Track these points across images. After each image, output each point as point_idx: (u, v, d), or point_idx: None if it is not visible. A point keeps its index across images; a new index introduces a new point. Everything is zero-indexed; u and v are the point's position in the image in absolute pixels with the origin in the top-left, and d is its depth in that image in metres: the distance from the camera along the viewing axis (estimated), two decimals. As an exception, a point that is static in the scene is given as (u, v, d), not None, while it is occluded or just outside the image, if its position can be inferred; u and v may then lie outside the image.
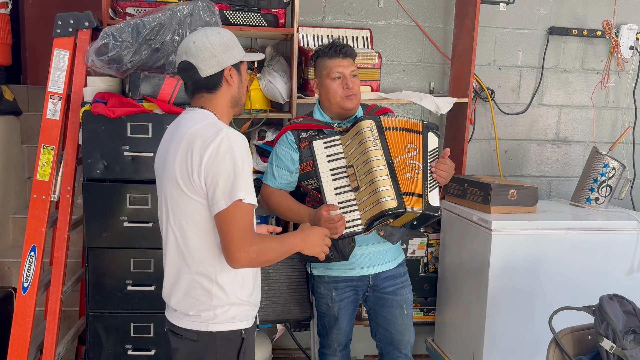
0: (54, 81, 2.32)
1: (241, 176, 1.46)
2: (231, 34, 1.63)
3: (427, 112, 3.11)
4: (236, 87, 1.63)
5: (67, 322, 2.99)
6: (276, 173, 2.09)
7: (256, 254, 1.48)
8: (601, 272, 2.50)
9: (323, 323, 2.22)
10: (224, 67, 1.58)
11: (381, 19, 3.06)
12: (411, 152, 1.98)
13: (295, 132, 2.10)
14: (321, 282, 2.16)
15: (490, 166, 3.24)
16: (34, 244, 2.30)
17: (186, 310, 1.59)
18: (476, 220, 2.51)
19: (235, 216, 1.46)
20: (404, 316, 2.19)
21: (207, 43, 1.56)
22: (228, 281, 1.57)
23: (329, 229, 1.86)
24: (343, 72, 2.06)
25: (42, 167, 2.31)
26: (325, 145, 1.99)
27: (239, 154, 1.47)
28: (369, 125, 1.94)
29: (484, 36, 3.12)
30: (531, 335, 2.46)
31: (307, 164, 2.05)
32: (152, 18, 2.17)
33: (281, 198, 2.07)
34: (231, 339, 1.59)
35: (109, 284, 2.29)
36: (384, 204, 1.84)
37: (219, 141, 1.47)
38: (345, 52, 2.08)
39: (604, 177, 2.76)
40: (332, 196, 1.94)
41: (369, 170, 1.89)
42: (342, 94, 2.06)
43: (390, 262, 2.16)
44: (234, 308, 1.58)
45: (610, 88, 3.28)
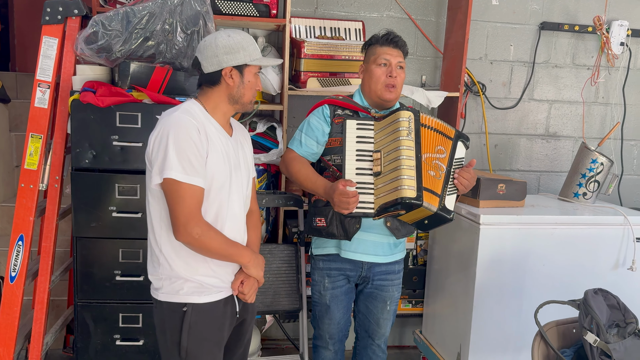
0: (42, 69, 2.29)
1: (172, 156, 1.58)
2: (244, 37, 1.71)
3: (419, 106, 3.12)
4: (235, 87, 1.72)
5: (55, 311, 2.98)
6: (304, 140, 2.11)
7: (199, 235, 1.61)
8: (587, 266, 2.53)
9: (315, 312, 2.25)
10: (223, 67, 1.69)
11: (374, 11, 3.05)
12: (440, 154, 2.00)
13: (332, 107, 2.12)
14: (316, 267, 2.19)
15: (480, 160, 3.26)
16: (21, 233, 2.28)
17: (149, 276, 1.76)
18: (465, 214, 2.52)
19: (178, 194, 1.60)
20: (385, 311, 2.21)
21: (212, 43, 1.69)
22: (172, 254, 1.68)
23: (342, 202, 1.90)
24: (390, 60, 2.08)
25: (30, 156, 2.29)
26: (358, 126, 2.01)
27: (175, 135, 1.59)
28: (408, 116, 1.96)
29: (476, 30, 3.12)
30: (517, 328, 2.49)
31: (335, 139, 2.07)
32: (142, 7, 2.15)
33: (302, 165, 2.09)
34: (175, 311, 1.69)
35: (97, 274, 2.28)
36: (403, 191, 1.86)
37: (162, 124, 1.63)
38: (397, 42, 2.10)
39: (592, 173, 2.78)
40: (352, 175, 1.96)
41: (397, 157, 1.91)
42: (384, 81, 2.08)
43: (385, 256, 2.15)
44: (179, 282, 1.68)
45: (600, 84, 3.30)
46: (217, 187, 1.69)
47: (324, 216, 2.08)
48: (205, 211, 1.67)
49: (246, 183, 1.83)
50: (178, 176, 1.58)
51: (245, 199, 1.83)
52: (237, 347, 1.87)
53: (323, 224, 2.08)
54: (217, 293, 1.73)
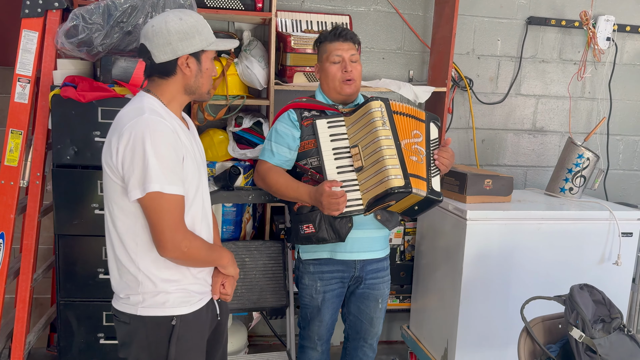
0: (22, 63, 2.25)
1: (154, 166, 1.43)
2: (197, 19, 1.55)
3: (406, 101, 3.10)
4: (192, 77, 1.57)
5: (38, 309, 2.94)
6: (275, 149, 2.05)
7: (187, 248, 1.50)
8: (573, 261, 2.54)
9: (305, 314, 2.19)
10: (178, 55, 1.53)
11: (361, 4, 3.02)
12: (416, 138, 1.99)
13: (298, 110, 2.08)
14: (306, 272, 2.13)
15: (467, 155, 3.26)
16: (2, 231, 2.25)
17: (119, 292, 1.61)
18: (452, 209, 2.52)
19: (162, 208, 1.46)
20: (377, 309, 2.19)
21: (163, 29, 1.51)
22: (152, 268, 1.55)
23: (331, 204, 1.86)
24: (342, 56, 2.05)
25: (10, 152, 2.25)
26: (329, 124, 1.98)
27: (152, 142, 1.43)
28: (379, 106, 1.94)
29: (463, 24, 3.11)
30: (504, 323, 2.49)
31: (308, 142, 2.03)
32: (124, 0, 2.10)
33: (279, 175, 2.03)
34: (162, 325, 1.57)
35: (80, 272, 2.25)
36: (391, 181, 1.83)
37: (132, 128, 1.45)
38: (346, 35, 2.07)
39: (579, 168, 2.79)
40: (334, 175, 1.92)
41: (377, 149, 1.88)
42: (340, 77, 2.05)
43: (379, 251, 2.15)
44: (162, 295, 1.56)
45: (586, 79, 3.30)
46: (193, 190, 1.59)
47: (311, 222, 2.01)
48: (185, 216, 1.56)
49: (206, 176, 1.74)
50: (163, 187, 1.44)
51: (209, 195, 1.75)
52: (217, 349, 1.81)
53: (312, 230, 2.01)
54: (200, 300, 1.65)
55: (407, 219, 2.94)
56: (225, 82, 2.61)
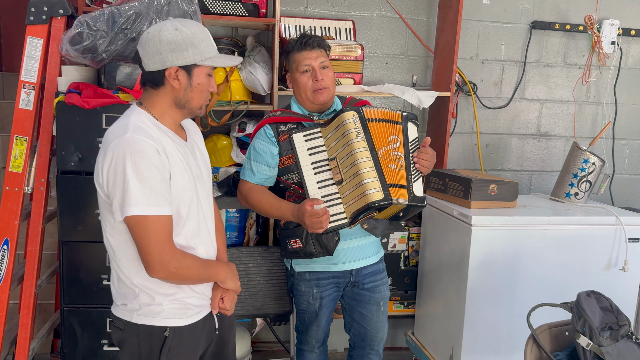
0: (27, 70, 2.25)
1: (134, 189, 1.39)
2: (195, 32, 1.49)
3: (410, 106, 3.10)
4: (181, 90, 1.52)
5: (42, 315, 2.94)
6: (255, 168, 2.03)
7: (176, 268, 1.47)
8: (580, 267, 2.52)
9: (302, 319, 2.20)
10: (167, 66, 1.48)
11: (364, 10, 3.02)
12: (394, 143, 1.94)
13: (274, 125, 2.04)
14: (302, 279, 2.12)
15: (471, 160, 3.25)
16: (6, 238, 2.25)
17: (116, 300, 1.61)
18: (457, 215, 2.51)
19: (147, 230, 1.43)
20: (380, 313, 2.18)
21: (156, 37, 1.47)
22: (147, 283, 1.54)
23: (314, 223, 1.84)
24: (311, 65, 2.01)
25: (14, 159, 2.25)
26: (305, 138, 1.94)
27: (133, 164, 1.40)
28: (352, 116, 1.90)
29: (467, 29, 3.10)
30: (510, 329, 2.48)
31: (287, 157, 2.00)
32: (128, 7, 2.11)
33: (261, 194, 2.01)
34: (154, 335, 1.56)
35: (83, 278, 2.24)
36: (370, 196, 1.81)
37: (114, 148, 1.42)
38: (312, 43, 2.01)
39: (584, 173, 2.77)
40: (315, 190, 1.89)
41: (354, 162, 1.85)
42: (311, 87, 2.01)
43: (372, 257, 2.14)
44: (156, 306, 1.55)
45: (591, 83, 3.29)
46: (187, 206, 1.55)
47: (298, 237, 2.01)
48: (178, 234, 1.54)
49: (209, 187, 1.71)
50: (144, 210, 1.41)
51: (211, 205, 1.72)
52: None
53: (299, 245, 2.01)
54: (198, 313, 1.63)
55: (410, 224, 2.93)
56: (229, 88, 2.61)
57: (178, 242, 1.54)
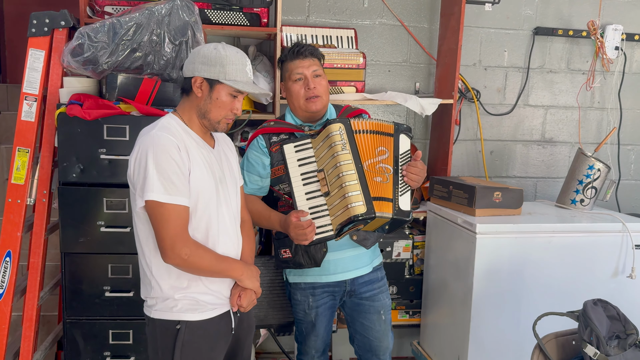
0: (29, 82, 2.26)
1: (153, 177, 1.54)
2: (229, 55, 1.64)
3: (413, 113, 3.09)
4: (202, 100, 1.67)
5: (46, 327, 2.93)
6: (247, 178, 2.06)
7: (188, 255, 1.57)
8: (586, 274, 2.49)
9: (300, 329, 2.19)
10: (194, 75, 1.65)
11: (366, 18, 3.02)
12: (382, 155, 1.93)
13: (266, 136, 2.06)
14: (297, 288, 2.13)
15: (476, 167, 3.23)
16: (9, 249, 2.24)
17: (142, 295, 1.73)
18: (461, 222, 2.49)
19: (162, 216, 1.55)
20: (381, 322, 2.16)
21: (198, 50, 1.67)
22: (161, 274, 1.64)
23: (298, 235, 1.85)
24: (304, 73, 2.02)
25: (17, 170, 2.25)
26: (296, 148, 1.95)
27: (154, 155, 1.54)
28: (338, 128, 1.90)
29: (469, 36, 3.09)
30: (516, 338, 2.44)
31: (279, 168, 2.01)
32: (129, 18, 2.11)
33: (252, 204, 2.03)
34: (168, 329, 1.65)
35: (86, 290, 2.23)
36: (353, 209, 1.81)
37: (141, 143, 1.59)
38: (304, 52, 2.02)
39: (589, 179, 2.75)
40: (303, 201, 1.90)
41: (338, 175, 1.86)
42: (304, 95, 2.02)
43: (365, 267, 2.12)
44: (170, 300, 1.64)
45: (595, 89, 3.27)
46: (204, 203, 1.64)
47: (287, 247, 2.02)
48: (195, 228, 1.64)
49: (234, 194, 1.79)
50: (160, 197, 1.54)
51: (235, 211, 1.78)
52: None
53: (289, 255, 2.03)
54: (212, 310, 1.69)
55: (415, 232, 2.91)
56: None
57: (194, 236, 1.63)
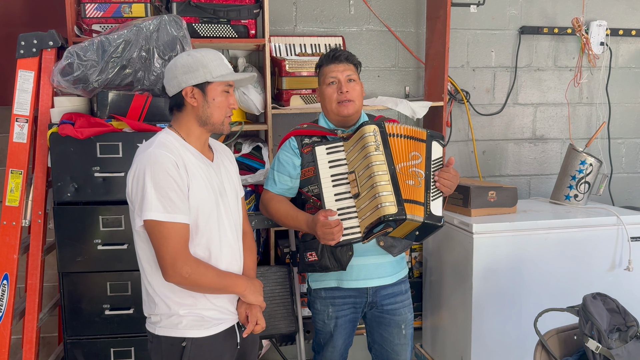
0: (19, 103, 2.25)
1: (151, 196, 1.52)
2: (205, 54, 1.63)
3: (404, 117, 3.10)
4: (200, 108, 1.65)
5: (46, 348, 2.91)
6: (277, 178, 2.06)
7: (189, 274, 1.56)
8: (584, 269, 2.50)
9: (318, 340, 2.16)
10: (182, 87, 1.63)
11: (353, 25, 3.04)
12: (415, 160, 1.93)
13: (299, 137, 2.07)
14: (318, 297, 2.10)
15: (469, 168, 3.24)
16: (6, 272, 2.23)
17: (145, 312, 1.71)
18: (457, 223, 2.50)
19: (162, 235, 1.54)
20: (401, 336, 2.12)
21: (173, 64, 1.65)
22: (167, 292, 1.63)
23: (325, 234, 1.84)
24: (337, 77, 2.04)
25: (10, 193, 2.24)
26: (327, 151, 1.95)
27: (152, 173, 1.53)
28: (372, 130, 1.90)
29: (456, 38, 3.12)
30: (518, 336, 2.45)
31: (309, 169, 2.02)
32: (117, 35, 2.12)
33: (280, 204, 2.04)
34: (174, 345, 1.64)
35: (85, 309, 2.22)
36: (384, 209, 1.79)
37: (138, 162, 1.58)
38: (339, 56, 2.05)
39: (582, 174, 2.77)
40: (332, 202, 1.89)
41: (370, 175, 1.84)
42: (336, 99, 2.03)
43: (389, 277, 2.08)
44: (175, 317, 1.63)
45: (583, 84, 3.30)
46: (205, 218, 1.63)
47: (314, 250, 2.00)
48: (197, 244, 1.63)
49: (235, 207, 1.78)
50: (159, 216, 1.53)
51: (237, 223, 1.78)
52: None
53: (315, 257, 2.01)
54: (217, 325, 1.68)
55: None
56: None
57: (196, 253, 1.62)
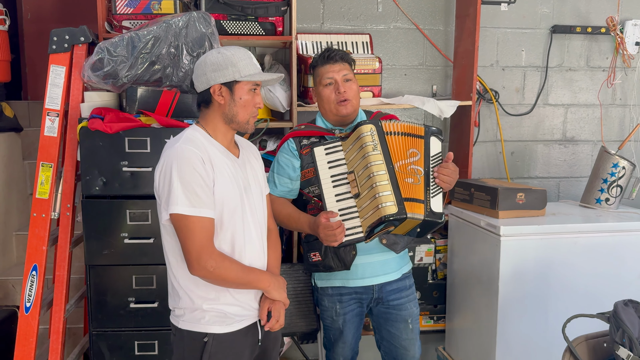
0: (51, 98, 2.29)
1: (177, 190, 1.54)
2: (235, 53, 1.65)
3: (431, 116, 3.07)
4: (226, 106, 1.66)
5: (72, 339, 2.96)
6: (277, 181, 2.07)
7: (214, 268, 1.57)
8: (614, 275, 2.44)
9: (329, 336, 2.18)
10: (211, 85, 1.65)
11: (381, 23, 3.02)
12: (413, 157, 1.92)
13: (297, 139, 2.07)
14: (325, 294, 2.12)
15: (497, 169, 3.19)
16: (35, 263, 2.27)
17: (169, 305, 1.73)
18: (484, 225, 2.46)
19: (187, 229, 1.56)
20: (408, 331, 2.13)
21: (202, 61, 1.66)
22: (191, 286, 1.64)
23: (328, 236, 1.84)
24: (334, 77, 2.03)
25: (41, 185, 2.28)
26: (326, 151, 1.95)
27: (178, 168, 1.55)
28: (369, 129, 1.89)
29: (485, 37, 3.07)
30: (544, 341, 2.40)
31: (309, 170, 2.02)
32: (147, 31, 2.14)
33: (282, 206, 2.04)
34: (196, 340, 1.65)
35: (111, 302, 2.25)
36: (384, 209, 1.79)
37: (165, 157, 1.60)
38: (335, 57, 2.04)
39: (614, 177, 2.70)
40: (333, 203, 1.89)
41: (369, 175, 1.84)
42: (334, 99, 2.03)
43: (394, 272, 2.10)
44: (199, 311, 1.65)
45: (616, 85, 3.22)
46: (229, 213, 1.64)
47: (317, 250, 2.01)
48: (221, 240, 1.64)
49: (260, 203, 1.78)
50: (185, 210, 1.55)
51: (261, 220, 1.78)
52: None
53: (318, 258, 2.01)
54: (239, 322, 1.69)
55: (437, 236, 2.89)
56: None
57: (221, 247, 1.63)
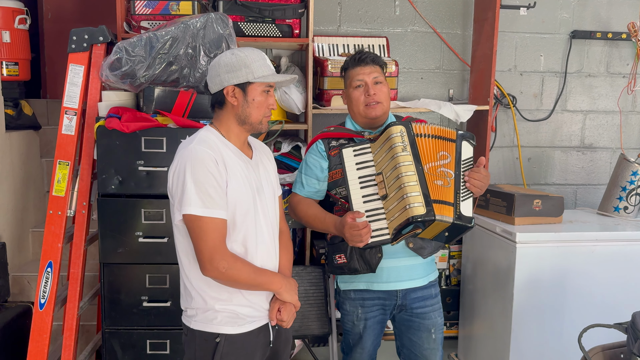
0: (69, 96, 2.31)
1: (191, 191, 1.55)
2: (248, 54, 1.65)
3: (447, 121, 3.05)
4: (239, 107, 1.67)
5: (85, 336, 2.98)
6: (305, 181, 2.06)
7: (226, 269, 1.57)
8: (631, 285, 2.40)
9: (347, 341, 2.14)
10: (224, 86, 1.65)
11: (398, 26, 3.00)
12: (443, 159, 1.90)
13: (326, 140, 2.07)
14: (347, 298, 2.09)
15: (513, 175, 3.16)
16: (50, 260, 2.29)
17: (182, 305, 1.73)
18: (500, 231, 2.43)
19: (200, 229, 1.56)
20: (430, 340, 2.08)
21: (216, 62, 1.67)
22: (204, 287, 1.64)
23: (353, 236, 1.83)
24: (364, 80, 2.02)
25: (57, 183, 2.30)
26: (355, 153, 1.94)
27: (192, 169, 1.56)
28: (399, 130, 1.88)
29: (504, 41, 3.04)
30: (559, 351, 2.37)
31: (336, 172, 2.01)
32: (165, 32, 2.15)
33: (308, 207, 2.04)
34: (208, 340, 1.65)
35: (124, 300, 2.27)
36: (412, 210, 1.76)
37: (179, 157, 1.61)
38: (365, 59, 2.04)
39: (633, 185, 2.66)
40: (360, 204, 1.88)
41: (398, 176, 1.82)
42: (364, 101, 2.02)
43: (420, 279, 2.05)
44: (211, 312, 1.65)
45: (637, 92, 3.17)
46: (242, 215, 1.64)
47: (342, 252, 1.99)
48: (233, 241, 1.64)
49: (272, 204, 1.78)
50: (197, 211, 1.55)
51: (274, 221, 1.78)
52: None
53: (343, 260, 2.00)
54: (251, 323, 1.69)
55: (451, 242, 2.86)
56: (264, 108, 2.62)
57: (233, 249, 1.63)
